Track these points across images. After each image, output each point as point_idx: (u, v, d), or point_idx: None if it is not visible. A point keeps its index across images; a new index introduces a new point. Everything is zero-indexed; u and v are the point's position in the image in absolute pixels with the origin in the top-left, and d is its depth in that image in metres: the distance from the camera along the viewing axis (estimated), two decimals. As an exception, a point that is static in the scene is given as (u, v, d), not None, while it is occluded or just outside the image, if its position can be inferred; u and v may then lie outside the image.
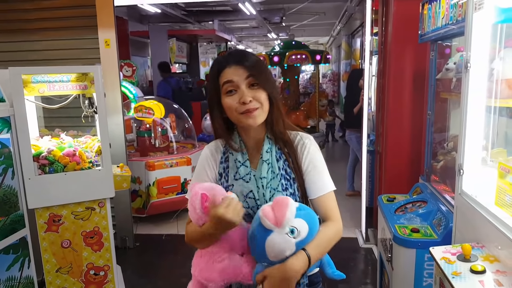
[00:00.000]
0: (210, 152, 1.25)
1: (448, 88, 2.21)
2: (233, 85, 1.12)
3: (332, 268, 1.20)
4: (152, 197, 3.87)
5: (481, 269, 1.22)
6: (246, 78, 1.12)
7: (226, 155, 1.23)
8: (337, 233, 1.19)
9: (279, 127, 1.20)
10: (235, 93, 1.12)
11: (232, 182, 1.20)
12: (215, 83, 1.15)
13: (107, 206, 2.51)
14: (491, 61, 1.46)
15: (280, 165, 1.20)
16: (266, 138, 1.21)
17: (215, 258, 1.14)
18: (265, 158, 1.19)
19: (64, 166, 2.36)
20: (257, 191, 1.17)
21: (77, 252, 2.48)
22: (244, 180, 1.18)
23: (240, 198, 1.16)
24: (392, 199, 2.47)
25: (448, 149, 2.33)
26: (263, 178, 1.17)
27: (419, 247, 1.94)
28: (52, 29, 3.36)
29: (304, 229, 1.07)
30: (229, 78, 1.12)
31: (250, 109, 1.12)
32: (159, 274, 3.13)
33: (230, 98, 1.13)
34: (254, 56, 1.17)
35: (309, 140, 1.25)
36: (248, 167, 1.20)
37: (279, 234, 1.05)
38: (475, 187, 1.52)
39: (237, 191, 1.17)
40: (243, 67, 1.12)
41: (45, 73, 2.34)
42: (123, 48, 6.41)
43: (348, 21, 9.14)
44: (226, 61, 1.14)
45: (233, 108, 1.13)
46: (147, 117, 4.13)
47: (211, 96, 1.19)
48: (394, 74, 2.91)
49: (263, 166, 1.18)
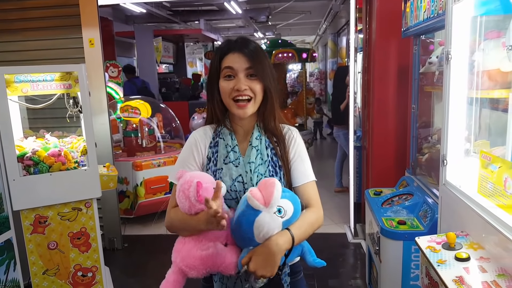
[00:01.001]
0: (199, 136, 1.27)
1: (431, 81, 2.25)
2: (233, 71, 1.16)
3: (313, 256, 1.23)
4: (140, 198, 3.84)
5: (465, 257, 1.25)
6: (246, 68, 1.16)
7: (216, 140, 1.25)
8: (318, 218, 1.23)
9: (271, 120, 1.25)
10: (233, 79, 1.17)
11: (221, 166, 1.21)
12: (217, 65, 1.19)
13: (94, 206, 2.48)
14: (472, 53, 1.49)
15: (268, 153, 1.24)
16: (256, 126, 1.26)
17: (199, 246, 1.15)
18: (254, 144, 1.23)
19: (49, 166, 2.32)
20: (245, 175, 1.20)
21: (64, 253, 2.44)
22: (233, 164, 1.21)
23: (228, 182, 1.19)
24: (379, 192, 2.51)
25: (432, 142, 2.37)
26: (252, 163, 1.21)
27: (406, 239, 1.97)
28: (35, 29, 3.30)
29: (290, 209, 1.11)
30: (230, 64, 1.16)
31: (243, 100, 1.17)
32: (148, 274, 3.10)
33: (226, 82, 1.17)
34: (258, 48, 1.21)
35: (296, 132, 1.31)
36: (237, 152, 1.23)
37: (267, 214, 1.07)
38: (459, 177, 1.55)
39: (226, 175, 1.20)
40: (246, 56, 1.16)
41: (28, 73, 2.30)
42: (109, 49, 6.35)
43: (334, 19, 9.22)
44: (232, 47, 1.18)
45: (227, 92, 1.17)
46: (133, 117, 4.10)
47: (211, 77, 1.22)
48: (378, 70, 2.95)
49: (252, 152, 1.22)
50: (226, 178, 1.20)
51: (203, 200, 1.06)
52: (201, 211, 1.11)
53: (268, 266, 1.06)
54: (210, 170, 1.22)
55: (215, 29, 11.09)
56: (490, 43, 1.43)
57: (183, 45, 10.75)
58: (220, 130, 1.26)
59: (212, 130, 1.28)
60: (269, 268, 1.06)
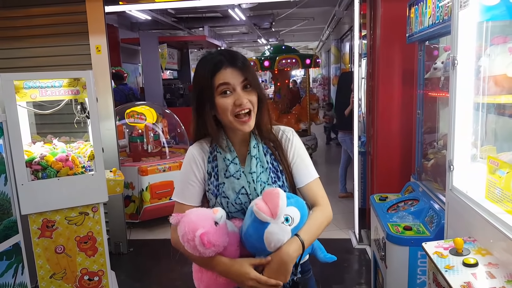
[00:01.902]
0: (197, 152, 1.25)
1: (436, 87, 2.26)
2: (229, 86, 1.14)
3: (323, 252, 1.25)
4: (145, 202, 3.85)
5: (473, 262, 1.25)
6: (242, 81, 1.15)
7: (214, 154, 1.24)
8: (327, 216, 1.23)
9: (266, 125, 1.25)
10: (230, 94, 1.14)
11: (222, 180, 1.21)
12: (209, 83, 1.14)
13: (101, 210, 2.50)
14: (478, 58, 1.50)
15: (268, 159, 1.23)
16: (252, 134, 1.24)
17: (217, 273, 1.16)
18: (253, 153, 1.22)
19: (57, 171, 2.35)
20: (248, 186, 1.19)
21: (71, 257, 2.46)
22: (234, 177, 1.20)
23: (232, 196, 1.19)
24: (384, 198, 2.50)
25: (438, 148, 2.37)
26: (253, 173, 1.20)
27: (412, 245, 1.96)
28: (43, 36, 3.34)
29: (297, 216, 1.12)
30: (226, 80, 1.14)
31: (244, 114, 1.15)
32: (153, 279, 3.11)
33: (225, 99, 1.14)
34: (244, 58, 1.20)
35: (291, 132, 1.30)
36: (238, 164, 1.22)
37: (275, 225, 1.07)
38: (466, 183, 1.55)
39: (228, 189, 1.20)
40: (239, 70, 1.15)
41: (37, 79, 2.33)
42: (114, 55, 6.41)
43: (337, 25, 9.24)
44: (220, 62, 1.15)
45: (228, 110, 1.14)
46: (139, 123, 4.13)
47: (202, 95, 1.17)
48: (383, 76, 2.96)
49: (252, 162, 1.21)
50: (229, 192, 1.20)
51: (212, 245, 1.07)
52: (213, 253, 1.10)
53: (281, 275, 1.09)
54: (212, 185, 1.22)
55: (219, 35, 11.16)
56: (496, 48, 1.45)
57: (187, 51, 10.81)
58: (216, 144, 1.24)
59: (208, 143, 1.26)
60: (282, 277, 1.09)
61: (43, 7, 3.30)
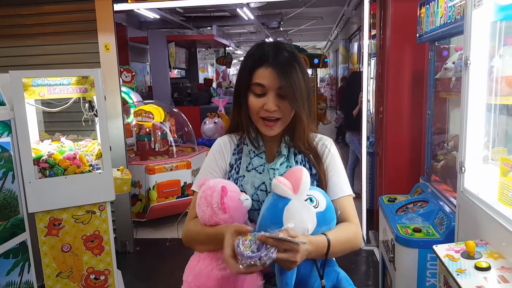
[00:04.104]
0: (223, 143, 1.22)
1: (447, 87, 2.23)
2: (263, 89, 1.08)
3: (350, 285, 1.04)
4: (152, 201, 3.86)
5: (485, 266, 1.22)
6: (278, 88, 1.06)
7: (240, 147, 1.20)
8: (357, 235, 1.12)
9: (299, 142, 1.15)
10: (262, 96, 1.08)
11: (243, 173, 1.14)
12: (246, 78, 1.10)
13: (108, 209, 2.50)
14: (491, 59, 1.47)
15: (299, 159, 1.15)
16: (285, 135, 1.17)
17: (216, 265, 1.03)
18: (283, 152, 1.15)
19: (65, 169, 2.35)
20: (269, 183, 1.10)
21: (77, 256, 2.46)
22: (257, 171, 1.14)
23: (250, 191, 1.11)
24: (393, 199, 2.47)
25: (448, 149, 2.34)
26: (276, 170, 1.12)
27: (421, 247, 1.94)
28: (52, 34, 3.36)
29: (322, 201, 0.99)
30: (261, 81, 1.07)
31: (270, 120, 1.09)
32: (160, 278, 3.11)
33: (255, 99, 1.09)
34: (291, 60, 1.08)
35: (329, 141, 1.22)
36: (263, 158, 1.16)
37: (297, 201, 0.95)
38: (477, 185, 1.52)
39: (248, 183, 1.12)
40: (278, 73, 1.05)
41: (46, 77, 2.34)
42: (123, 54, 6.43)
43: (345, 25, 9.20)
44: (263, 59, 1.07)
45: (255, 110, 1.10)
46: (146, 121, 4.13)
47: (239, 88, 1.13)
48: (392, 76, 2.92)
49: (279, 159, 1.14)
50: (247, 186, 1.12)
51: (226, 208, 0.98)
52: (222, 222, 1.02)
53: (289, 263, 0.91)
54: (232, 178, 1.15)
55: (227, 35, 11.16)
56: (509, 48, 1.41)
57: (195, 50, 10.85)
58: (245, 137, 1.19)
59: (238, 136, 1.22)
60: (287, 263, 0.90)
61: (52, 4, 3.31)
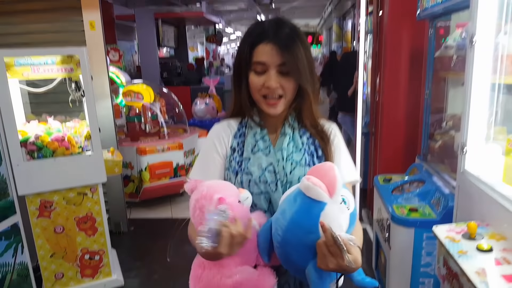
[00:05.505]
0: (221, 128, 1.15)
1: (447, 66, 2.18)
2: (264, 66, 1.01)
3: (361, 275, 0.92)
4: (145, 182, 3.81)
5: (487, 248, 1.21)
6: (279, 64, 1.00)
7: (241, 131, 1.13)
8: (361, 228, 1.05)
9: (306, 119, 1.10)
10: (263, 74, 1.02)
11: (248, 155, 1.07)
12: (246, 56, 1.03)
13: (100, 191, 2.45)
14: (496, 36, 1.42)
15: (304, 141, 1.09)
16: (289, 115, 1.11)
17: (223, 273, 0.93)
18: (287, 131, 1.09)
19: (53, 151, 2.28)
20: (277, 164, 1.05)
21: (70, 237, 2.43)
22: (263, 153, 1.07)
23: (256, 172, 1.04)
24: (389, 179, 2.46)
25: (445, 129, 2.31)
26: (284, 150, 1.06)
27: (417, 227, 1.93)
28: (34, 11, 3.20)
29: (352, 200, 0.88)
30: (261, 59, 1.01)
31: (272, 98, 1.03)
32: (154, 257, 3.09)
33: (256, 77, 1.03)
34: (293, 35, 1.01)
35: (335, 126, 1.16)
36: (268, 141, 1.09)
37: (334, 205, 0.83)
38: (478, 166, 1.50)
39: (254, 164, 1.05)
40: (279, 49, 0.99)
41: (28, 55, 2.23)
42: (109, 33, 6.21)
43: (339, 2, 9.03)
44: (264, 35, 1.01)
45: (257, 89, 1.04)
46: (136, 102, 4.03)
47: (239, 67, 1.07)
48: (390, 54, 2.86)
49: (284, 139, 1.08)
50: (254, 168, 1.05)
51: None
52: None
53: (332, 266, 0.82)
54: (234, 161, 1.08)
55: (217, 12, 10.89)
56: (516, 25, 1.37)
57: (184, 28, 10.60)
58: (247, 121, 1.13)
59: (238, 122, 1.15)
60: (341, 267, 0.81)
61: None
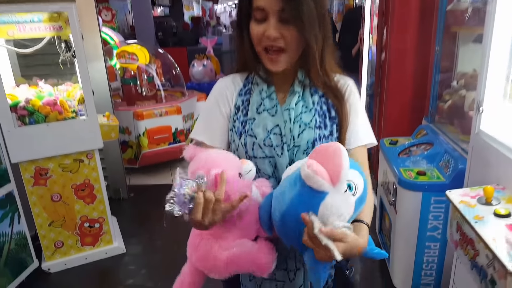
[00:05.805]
0: (225, 84, 1.04)
1: (460, 21, 2.04)
2: (263, 13, 0.90)
3: (370, 245, 0.85)
4: (143, 148, 3.73)
5: (505, 213, 1.15)
6: (279, 10, 0.88)
7: (247, 87, 1.02)
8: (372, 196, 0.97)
9: (316, 78, 0.97)
10: (263, 22, 0.91)
11: (253, 115, 0.98)
12: (246, 3, 0.93)
13: (96, 157, 2.38)
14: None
15: (315, 100, 0.97)
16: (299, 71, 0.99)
17: (221, 244, 0.89)
18: (296, 89, 0.98)
19: (45, 116, 2.18)
20: (284, 126, 0.95)
21: (68, 205, 2.38)
22: (269, 113, 0.97)
23: (261, 134, 0.96)
24: (395, 142, 2.39)
25: (455, 88, 2.21)
26: (291, 110, 0.96)
27: (426, 190, 1.88)
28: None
29: (360, 184, 0.79)
30: (260, 5, 0.90)
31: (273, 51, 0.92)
32: (155, 222, 3.08)
33: (256, 26, 0.92)
34: None
35: (351, 81, 1.04)
36: (275, 99, 0.98)
37: (336, 194, 0.75)
38: (495, 126, 1.42)
39: (259, 126, 0.96)
40: None
41: (12, 12, 2.07)
42: (100, -10, 5.92)
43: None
44: None
45: (257, 39, 0.93)
46: (131, 63, 3.87)
47: (239, 18, 0.97)
48: (398, 8, 2.68)
49: (293, 98, 0.97)
50: (258, 130, 0.96)
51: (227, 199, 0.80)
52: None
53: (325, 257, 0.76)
54: (238, 121, 0.99)
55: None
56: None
57: (179, -14, 10.15)
58: (253, 77, 1.02)
59: (243, 77, 1.04)
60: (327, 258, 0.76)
61: None
